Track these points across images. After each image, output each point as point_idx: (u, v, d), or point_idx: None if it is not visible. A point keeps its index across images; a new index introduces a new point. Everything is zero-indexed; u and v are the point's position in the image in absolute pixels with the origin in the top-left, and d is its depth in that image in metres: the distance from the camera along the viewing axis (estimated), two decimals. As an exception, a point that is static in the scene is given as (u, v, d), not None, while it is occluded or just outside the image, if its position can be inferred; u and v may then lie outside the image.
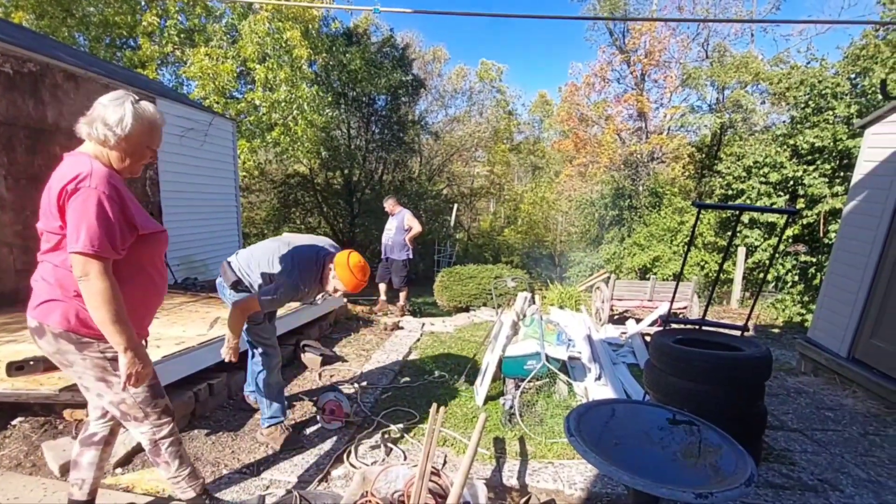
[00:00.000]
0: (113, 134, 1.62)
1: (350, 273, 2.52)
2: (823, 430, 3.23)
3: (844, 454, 2.87)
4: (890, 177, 3.80)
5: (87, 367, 1.71)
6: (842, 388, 3.99)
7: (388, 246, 6.49)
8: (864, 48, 9.39)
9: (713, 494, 1.22)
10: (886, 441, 3.07)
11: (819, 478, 2.59)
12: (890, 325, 3.69)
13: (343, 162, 16.02)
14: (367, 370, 4.04)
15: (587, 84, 16.60)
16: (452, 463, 2.59)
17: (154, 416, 1.82)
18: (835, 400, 3.77)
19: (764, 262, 9.93)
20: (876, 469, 2.70)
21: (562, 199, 19.49)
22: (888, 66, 8.67)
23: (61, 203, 1.53)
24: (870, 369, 3.76)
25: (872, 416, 3.46)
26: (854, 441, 3.06)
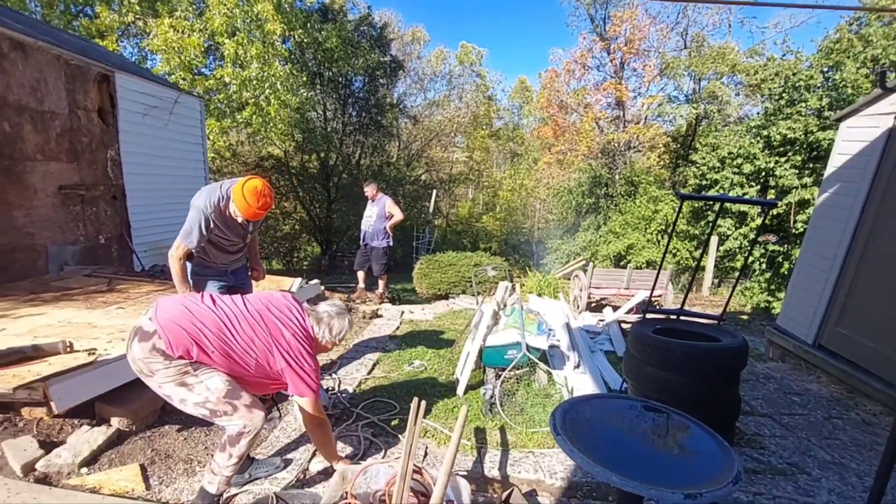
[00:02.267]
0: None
1: (242, 197, 2.54)
2: (791, 414, 3.34)
3: (811, 437, 2.98)
4: (862, 170, 3.91)
5: (168, 376, 1.86)
6: (807, 374, 4.15)
7: (368, 233, 6.37)
8: (837, 42, 9.60)
9: (702, 494, 1.21)
10: (848, 424, 3.20)
11: (788, 461, 2.68)
12: (855, 314, 3.82)
13: (319, 145, 15.62)
14: (345, 360, 3.97)
15: (567, 71, 16.59)
16: (434, 454, 2.57)
17: (244, 409, 1.93)
18: (801, 385, 3.91)
19: (735, 250, 10.21)
20: (839, 451, 2.81)
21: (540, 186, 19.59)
22: (859, 60, 8.90)
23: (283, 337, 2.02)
24: (834, 356, 3.91)
25: (835, 400, 3.61)
26: (819, 425, 3.18)
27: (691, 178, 11.91)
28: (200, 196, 2.68)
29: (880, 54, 8.72)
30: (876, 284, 3.66)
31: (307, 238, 19.00)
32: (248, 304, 2.08)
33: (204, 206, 2.63)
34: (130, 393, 2.66)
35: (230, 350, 1.93)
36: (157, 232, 6.22)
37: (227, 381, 1.92)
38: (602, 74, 16.25)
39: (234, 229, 2.81)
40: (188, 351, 1.86)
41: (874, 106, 3.88)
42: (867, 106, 3.95)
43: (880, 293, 3.59)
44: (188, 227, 2.64)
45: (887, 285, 3.54)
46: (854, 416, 3.32)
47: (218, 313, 1.98)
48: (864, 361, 3.60)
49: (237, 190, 2.57)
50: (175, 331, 1.86)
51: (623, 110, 15.80)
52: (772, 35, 18.58)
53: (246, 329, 1.98)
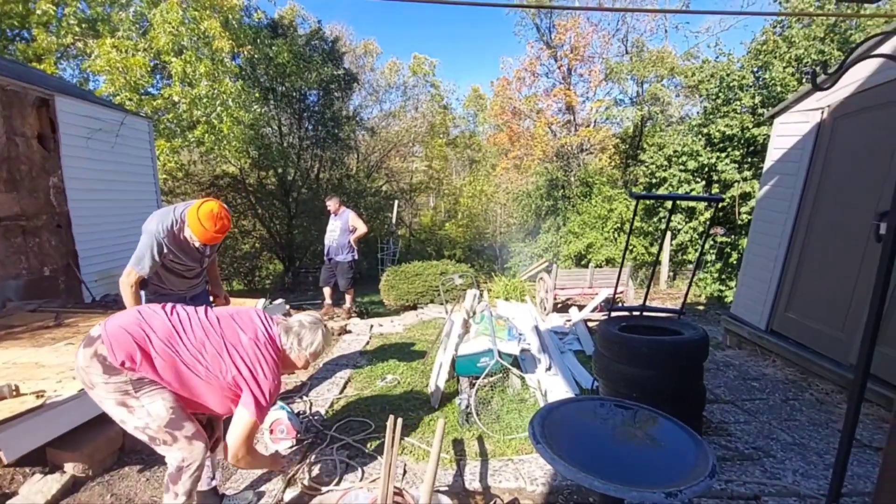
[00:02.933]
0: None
1: (198, 222, 2.47)
2: (751, 399, 3.51)
3: (772, 421, 3.14)
4: (797, 163, 4.19)
5: (108, 392, 1.73)
6: (763, 359, 4.37)
7: (333, 248, 6.25)
8: (764, 43, 10.32)
9: (681, 492, 1.25)
10: (804, 405, 3.39)
11: (753, 446, 2.80)
12: (801, 298, 4.08)
13: (276, 161, 15.29)
14: (315, 381, 3.86)
15: (518, 78, 16.98)
16: (413, 471, 2.53)
17: (184, 441, 1.80)
18: (758, 370, 4.12)
19: (686, 243, 10.69)
20: (799, 432, 2.98)
21: (499, 191, 19.88)
22: (785, 60, 9.58)
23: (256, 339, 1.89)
24: (786, 340, 4.14)
25: (791, 382, 3.82)
26: (778, 407, 3.36)
27: (641, 176, 12.42)
28: (152, 220, 2.57)
29: (803, 54, 9.45)
30: (818, 269, 3.92)
31: (269, 256, 18.48)
32: (207, 312, 1.97)
33: (156, 231, 2.52)
34: (85, 435, 2.49)
35: (177, 356, 1.79)
36: (107, 260, 5.88)
37: (170, 409, 1.78)
38: (551, 81, 16.76)
39: (190, 254, 2.70)
40: (131, 356, 1.73)
41: (803, 102, 4.18)
42: (797, 102, 4.24)
43: (822, 277, 3.85)
44: (139, 253, 2.53)
45: (827, 269, 3.80)
46: (809, 397, 3.52)
47: (171, 318, 1.87)
48: (814, 343, 3.83)
49: (192, 214, 2.48)
50: (119, 335, 1.75)
51: (573, 115, 16.32)
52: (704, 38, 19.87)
53: (197, 333, 1.85)
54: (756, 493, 2.35)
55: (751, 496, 2.33)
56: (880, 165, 3.31)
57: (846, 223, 3.61)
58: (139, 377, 1.75)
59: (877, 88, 3.43)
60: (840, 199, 3.74)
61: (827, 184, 3.89)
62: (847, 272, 3.52)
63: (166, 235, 2.54)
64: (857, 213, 3.47)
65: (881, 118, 3.38)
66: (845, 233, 3.61)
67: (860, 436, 2.84)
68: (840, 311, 3.56)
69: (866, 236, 3.34)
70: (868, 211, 3.32)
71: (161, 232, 2.53)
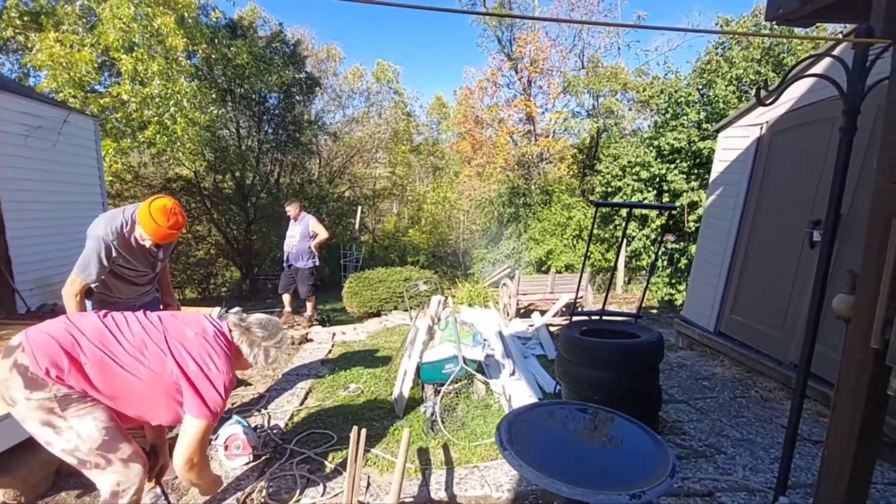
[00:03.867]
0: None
1: (150, 218, 2.34)
2: (703, 398, 3.68)
3: (722, 418, 3.30)
4: (739, 174, 4.46)
5: (30, 409, 1.55)
6: (712, 359, 4.60)
7: (292, 254, 6.09)
8: (708, 63, 11.01)
9: (645, 493, 1.29)
10: (750, 402, 3.59)
11: (706, 443, 2.94)
12: (745, 301, 4.32)
13: (233, 164, 14.77)
14: (274, 392, 3.74)
15: (480, 88, 17.26)
16: (377, 484, 2.48)
17: (119, 463, 1.62)
18: (708, 370, 4.33)
19: (640, 250, 11.14)
20: (747, 428, 3.14)
21: (463, 198, 20.07)
22: (726, 79, 10.26)
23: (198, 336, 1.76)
24: (732, 340, 4.37)
25: (738, 380, 4.03)
26: (727, 405, 3.53)
27: (598, 185, 12.88)
28: (99, 224, 2.42)
29: (742, 73, 10.21)
30: (759, 273, 4.17)
31: (225, 262, 17.79)
32: (146, 312, 1.84)
33: (105, 234, 2.37)
34: (16, 458, 2.29)
35: (112, 359, 1.63)
36: (45, 267, 5.48)
37: (103, 430, 1.61)
38: (512, 91, 17.17)
39: (142, 258, 2.55)
40: (56, 364, 1.56)
41: (744, 118, 4.47)
42: (739, 118, 4.53)
43: (763, 281, 4.10)
44: (85, 259, 2.36)
45: (767, 274, 4.05)
46: (754, 394, 3.73)
47: (104, 320, 1.73)
48: (757, 343, 4.07)
49: (143, 211, 2.35)
50: (42, 340, 1.58)
51: (533, 125, 16.75)
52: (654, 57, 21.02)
53: (136, 331, 1.72)
54: (710, 489, 2.46)
55: (705, 493, 2.43)
56: (812, 177, 3.58)
57: (784, 231, 3.87)
58: (66, 393, 1.57)
59: (808, 107, 3.71)
60: (778, 209, 4.00)
61: (766, 194, 4.16)
62: (785, 276, 3.76)
63: (116, 238, 2.39)
64: (793, 222, 3.72)
65: (812, 134, 3.65)
66: (783, 239, 3.87)
67: (801, 430, 3.03)
68: (779, 312, 3.80)
69: (801, 243, 3.59)
70: (803, 219, 3.57)
71: (110, 234, 2.38)
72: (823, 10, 1.78)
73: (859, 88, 1.68)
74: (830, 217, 1.86)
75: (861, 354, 1.74)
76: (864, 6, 1.65)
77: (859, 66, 1.66)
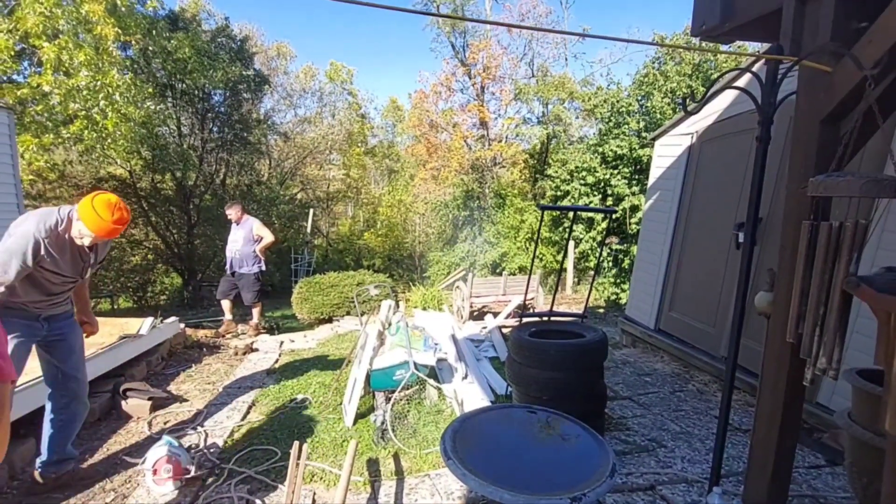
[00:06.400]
0: None
1: (92, 212, 2.15)
2: (645, 393, 3.84)
3: (663, 412, 3.45)
4: (674, 180, 4.71)
5: None
6: (654, 355, 4.82)
7: (236, 259, 5.82)
8: (646, 76, 11.69)
9: (585, 495, 1.31)
10: (688, 395, 3.78)
11: (648, 438, 3.06)
12: (681, 299, 4.56)
13: (174, 163, 13.94)
14: (213, 407, 3.54)
15: (434, 92, 17.35)
16: (323, 500, 2.39)
17: None
18: (650, 366, 4.53)
19: (587, 251, 11.56)
20: (685, 421, 3.30)
21: (418, 201, 20.04)
22: (662, 91, 10.93)
23: None
24: (671, 337, 4.60)
25: (677, 375, 4.24)
26: (667, 399, 3.70)
27: (548, 189, 13.30)
28: (29, 220, 2.16)
29: (675, 87, 10.98)
30: (693, 273, 4.42)
31: (164, 269, 16.78)
32: None
33: (37, 230, 2.12)
34: None
35: None
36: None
37: None
38: (466, 97, 17.42)
39: (71, 262, 2.29)
40: None
41: (678, 128, 4.74)
42: (673, 128, 4.80)
43: (696, 280, 4.35)
44: (5, 258, 2.09)
45: (700, 273, 4.30)
46: (691, 388, 3.93)
47: None
48: (692, 339, 4.30)
49: (85, 205, 2.14)
50: None
51: (487, 130, 17.05)
52: (598, 69, 22.13)
53: None
54: (652, 483, 2.55)
55: (647, 486, 2.52)
56: (736, 183, 3.83)
57: (713, 233, 4.12)
58: None
59: (732, 118, 3.98)
60: (708, 212, 4.27)
61: (697, 199, 4.42)
62: (715, 275, 4.00)
63: (48, 235, 2.15)
64: (721, 224, 3.97)
65: (736, 143, 3.91)
66: (713, 241, 4.12)
67: (733, 421, 3.22)
68: (711, 309, 4.04)
69: (728, 244, 3.83)
70: (730, 222, 3.81)
71: (43, 231, 2.13)
72: (740, 28, 1.90)
73: (771, 101, 1.81)
74: (750, 220, 1.99)
75: (780, 348, 1.87)
76: (776, 27, 1.79)
77: (771, 80, 1.79)
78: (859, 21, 1.57)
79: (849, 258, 1.47)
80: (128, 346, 3.90)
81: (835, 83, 1.58)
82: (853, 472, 2.04)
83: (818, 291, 1.55)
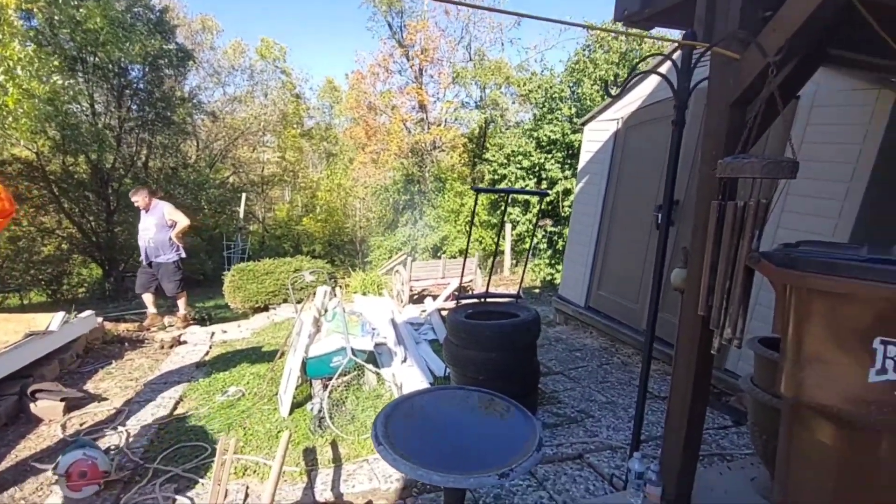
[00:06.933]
0: None
1: None
2: (576, 367, 4.03)
3: (591, 385, 3.64)
4: (601, 164, 4.92)
5: None
6: (584, 332, 5.07)
7: (150, 248, 5.35)
8: (577, 63, 12.06)
9: (513, 470, 1.34)
10: (613, 368, 4.02)
11: (577, 409, 3.22)
12: (608, 278, 4.82)
13: (87, 144, 12.60)
14: (136, 405, 3.30)
15: (372, 73, 16.91)
16: (256, 494, 2.31)
17: None
18: (580, 342, 4.76)
19: (524, 234, 11.90)
20: (610, 392, 3.51)
21: (358, 185, 19.62)
22: (592, 78, 11.37)
23: None
24: (599, 314, 4.86)
25: (604, 349, 4.49)
26: (595, 372, 3.91)
27: (486, 173, 13.49)
28: None
29: (604, 74, 11.41)
30: (619, 252, 4.67)
31: (81, 259, 15.33)
32: None
33: None
34: None
35: None
36: None
37: None
38: (405, 79, 17.12)
39: None
40: None
41: (605, 113, 4.93)
42: (600, 113, 4.99)
43: (622, 259, 4.60)
44: None
45: (625, 252, 4.55)
46: (616, 360, 4.18)
47: None
48: (618, 315, 4.57)
49: None
50: None
51: (426, 113, 16.90)
52: (533, 55, 22.57)
53: None
54: (580, 451, 2.70)
55: (576, 455, 2.66)
56: (657, 167, 4.06)
57: (637, 214, 4.37)
58: None
59: (654, 105, 4.20)
60: (632, 195, 4.51)
61: (623, 182, 4.65)
62: (638, 255, 4.26)
63: None
64: (644, 207, 4.21)
65: (657, 129, 4.14)
66: (636, 222, 4.36)
67: (652, 389, 3.47)
68: (635, 286, 4.30)
69: (650, 225, 4.07)
70: (652, 204, 4.05)
71: None
72: (659, 14, 1.98)
73: (686, 86, 1.91)
74: (667, 201, 2.11)
75: (692, 320, 2.00)
76: (691, 14, 1.87)
77: (685, 66, 1.88)
78: (765, 10, 1.64)
79: (751, 235, 1.57)
80: (36, 343, 3.55)
81: (742, 70, 1.66)
82: (754, 431, 2.27)
83: (725, 267, 1.66)
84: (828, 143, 2.89)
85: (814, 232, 2.81)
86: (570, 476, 2.47)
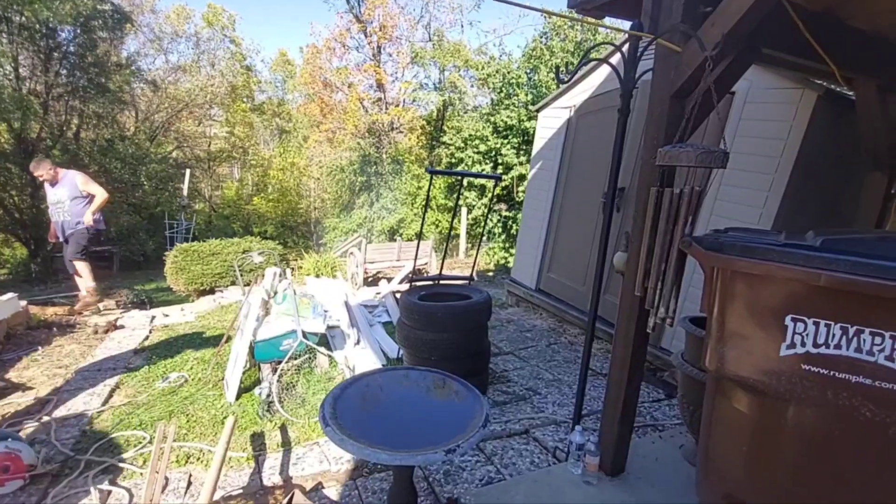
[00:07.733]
0: None
1: None
2: (525, 347, 4.17)
3: (539, 364, 3.78)
4: (554, 150, 5.03)
5: None
6: (534, 313, 5.23)
7: (67, 221, 4.91)
8: (534, 49, 12.17)
9: (459, 446, 1.38)
10: (561, 347, 4.18)
11: (526, 387, 3.34)
12: (557, 261, 4.98)
13: (9, 112, 11.42)
14: (66, 394, 3.10)
15: (328, 48, 16.30)
16: (200, 482, 2.24)
17: None
18: (531, 323, 4.91)
19: (479, 218, 12.03)
20: (557, 370, 3.66)
21: (312, 164, 19.03)
22: (548, 66, 11.54)
23: None
24: (549, 296, 5.03)
25: (552, 330, 4.66)
26: (543, 352, 4.06)
27: (444, 156, 13.47)
28: None
29: (559, 62, 11.59)
30: (568, 237, 4.83)
31: (3, 238, 14.06)
32: None
33: None
34: None
35: None
36: None
37: None
38: (362, 56, 16.60)
39: None
40: None
41: (558, 101, 5.02)
42: (554, 100, 5.08)
43: (570, 243, 4.77)
44: None
45: (574, 237, 4.71)
46: (564, 340, 4.36)
47: None
48: (566, 297, 4.75)
49: None
50: None
51: (384, 93, 16.54)
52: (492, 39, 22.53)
53: None
54: (527, 427, 2.81)
55: (523, 431, 2.77)
56: (605, 155, 4.15)
57: (585, 200, 4.52)
58: None
59: (604, 94, 4.32)
60: (582, 181, 4.65)
61: (573, 168, 4.79)
62: (586, 239, 4.42)
63: None
64: (592, 193, 4.36)
65: (606, 119, 4.24)
66: (585, 208, 4.52)
67: (594, 366, 3.65)
68: (582, 270, 4.47)
69: (598, 211, 4.23)
70: (599, 191, 4.19)
71: None
72: (609, 4, 2.03)
73: (632, 76, 1.97)
74: (611, 188, 2.20)
75: (631, 301, 2.11)
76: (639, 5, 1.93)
77: (632, 56, 1.94)
78: (706, 5, 1.72)
79: (685, 221, 1.67)
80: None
81: (683, 62, 1.74)
82: (683, 403, 2.45)
83: (660, 251, 1.76)
84: (758, 137, 3.09)
85: (743, 220, 3.01)
86: (516, 450, 2.57)
